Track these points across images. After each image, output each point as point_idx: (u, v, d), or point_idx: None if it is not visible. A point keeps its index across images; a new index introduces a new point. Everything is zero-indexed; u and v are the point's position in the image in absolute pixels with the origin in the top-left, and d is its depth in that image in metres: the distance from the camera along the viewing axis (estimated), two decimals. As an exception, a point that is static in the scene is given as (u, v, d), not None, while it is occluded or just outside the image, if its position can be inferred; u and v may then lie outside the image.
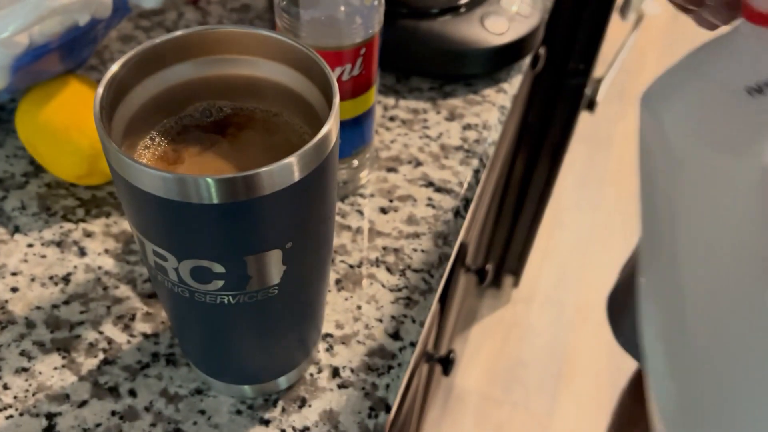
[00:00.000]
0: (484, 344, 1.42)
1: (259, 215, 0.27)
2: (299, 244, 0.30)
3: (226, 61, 0.32)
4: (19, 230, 0.45)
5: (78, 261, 0.43)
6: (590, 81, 1.13)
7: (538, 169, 1.23)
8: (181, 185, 0.25)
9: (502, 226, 1.31)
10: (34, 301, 0.41)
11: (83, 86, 0.46)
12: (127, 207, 0.29)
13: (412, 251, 0.45)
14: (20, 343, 0.40)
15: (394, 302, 0.43)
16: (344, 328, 0.41)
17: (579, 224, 1.66)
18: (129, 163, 0.25)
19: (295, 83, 0.32)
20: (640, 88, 0.36)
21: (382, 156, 0.51)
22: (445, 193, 0.49)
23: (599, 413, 1.32)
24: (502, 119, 0.56)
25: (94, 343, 0.40)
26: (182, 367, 0.39)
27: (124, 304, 0.42)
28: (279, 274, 0.30)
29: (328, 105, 0.30)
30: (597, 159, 1.81)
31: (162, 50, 0.30)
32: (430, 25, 0.56)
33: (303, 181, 0.27)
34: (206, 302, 0.30)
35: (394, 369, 0.40)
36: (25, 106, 0.45)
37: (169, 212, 0.26)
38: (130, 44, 0.58)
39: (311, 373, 0.39)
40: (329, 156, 0.29)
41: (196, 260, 0.28)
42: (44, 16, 0.40)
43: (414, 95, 0.56)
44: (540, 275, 1.54)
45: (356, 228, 0.46)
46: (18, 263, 0.43)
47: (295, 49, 0.31)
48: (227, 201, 0.26)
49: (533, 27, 0.58)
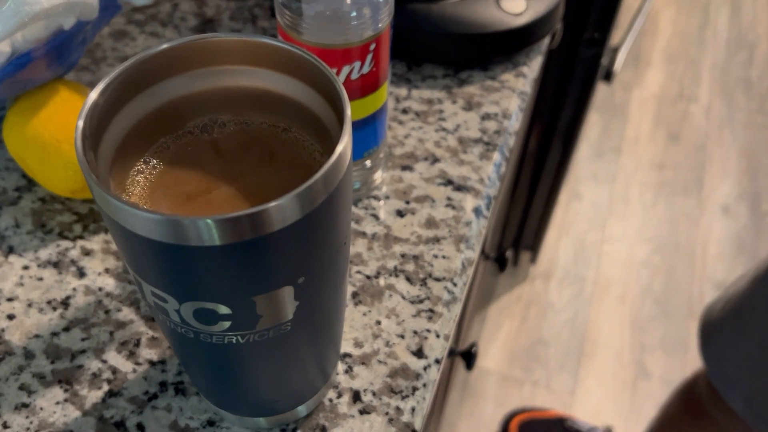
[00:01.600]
0: (502, 323, 1.39)
1: (268, 254, 0.24)
2: (313, 277, 0.27)
3: (226, 72, 0.29)
4: (14, 251, 0.42)
5: (77, 282, 0.41)
6: (606, 50, 1.09)
7: (554, 143, 1.19)
8: (177, 228, 0.22)
9: (518, 202, 1.28)
10: (32, 328, 0.39)
11: (73, 94, 0.42)
12: (118, 245, 0.26)
13: (433, 258, 0.42)
14: (19, 376, 0.37)
15: (415, 315, 0.40)
16: (363, 347, 0.39)
17: (596, 196, 1.62)
18: (117, 205, 0.22)
19: (300, 95, 0.29)
20: (655, 52, 0.32)
21: (395, 153, 0.48)
22: (466, 191, 0.46)
23: (622, 391, 1.30)
24: (523, 106, 0.52)
25: (98, 373, 0.37)
26: (192, 397, 0.37)
27: (127, 328, 0.39)
28: (292, 309, 0.27)
29: (337, 118, 0.27)
30: (612, 127, 1.77)
31: (151, 65, 0.27)
32: (442, 7, 0.52)
33: (316, 212, 0.24)
34: (213, 342, 0.28)
35: (419, 390, 0.37)
36: (13, 118, 0.42)
37: (166, 256, 0.23)
38: (123, 40, 0.54)
39: (330, 398, 0.37)
40: (343, 179, 0.25)
41: (199, 302, 0.25)
42: (26, 22, 0.37)
43: (427, 84, 0.53)
44: (557, 250, 1.51)
45: (372, 234, 0.43)
46: (13, 287, 0.40)
47: (300, 58, 0.27)
48: (230, 242, 0.23)
49: (553, 4, 0.54)
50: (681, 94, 1.85)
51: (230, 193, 0.27)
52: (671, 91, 1.86)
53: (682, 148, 1.73)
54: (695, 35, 1.99)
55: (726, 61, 1.95)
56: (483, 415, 1.26)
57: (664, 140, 1.75)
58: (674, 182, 1.65)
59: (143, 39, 0.55)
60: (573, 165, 1.64)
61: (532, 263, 1.47)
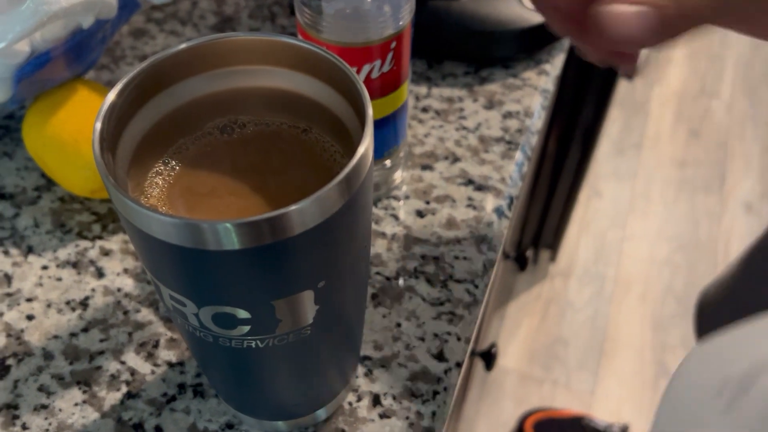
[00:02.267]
0: (521, 322, 1.38)
1: (288, 258, 0.23)
2: (334, 281, 0.26)
3: (246, 72, 0.28)
4: (33, 251, 0.42)
5: (96, 283, 0.41)
6: (628, 47, 1.07)
7: (574, 140, 1.18)
8: (196, 232, 0.22)
9: (538, 200, 1.26)
10: (51, 329, 0.39)
11: (92, 93, 0.42)
12: (136, 249, 0.25)
13: (454, 259, 0.42)
14: (38, 377, 0.37)
15: (436, 318, 0.39)
16: (383, 350, 0.38)
17: (616, 193, 1.60)
18: (134, 208, 0.22)
19: (320, 95, 0.28)
20: (677, 49, 0.32)
21: (415, 152, 0.47)
22: (487, 191, 0.45)
23: (643, 390, 1.28)
24: (545, 104, 0.51)
25: (116, 375, 0.37)
26: (211, 399, 0.36)
27: (146, 329, 0.39)
28: (312, 313, 0.27)
29: (358, 118, 0.27)
30: (633, 124, 1.75)
31: (169, 66, 0.27)
32: (463, 4, 0.51)
33: (336, 215, 0.24)
34: (232, 346, 0.27)
35: (440, 394, 0.37)
36: (31, 119, 0.42)
37: (184, 260, 0.23)
38: (143, 39, 0.54)
39: (350, 402, 0.36)
40: (364, 181, 0.25)
41: (218, 307, 0.25)
42: (45, 21, 0.37)
43: (448, 82, 0.52)
44: (577, 248, 1.50)
45: (391, 235, 0.43)
46: (33, 287, 0.40)
47: (321, 57, 0.27)
48: (250, 246, 0.22)
49: (575, 1, 0.53)
50: (702, 90, 1.83)
51: (250, 195, 0.27)
52: (693, 87, 1.84)
53: (703, 145, 1.70)
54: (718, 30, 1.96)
55: (750, 57, 1.92)
56: (502, 413, 1.25)
57: (685, 137, 1.72)
58: (695, 179, 1.63)
59: (162, 37, 0.55)
60: (593, 162, 1.62)
61: (552, 261, 1.46)
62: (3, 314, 0.39)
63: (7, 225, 0.43)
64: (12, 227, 0.43)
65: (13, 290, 0.40)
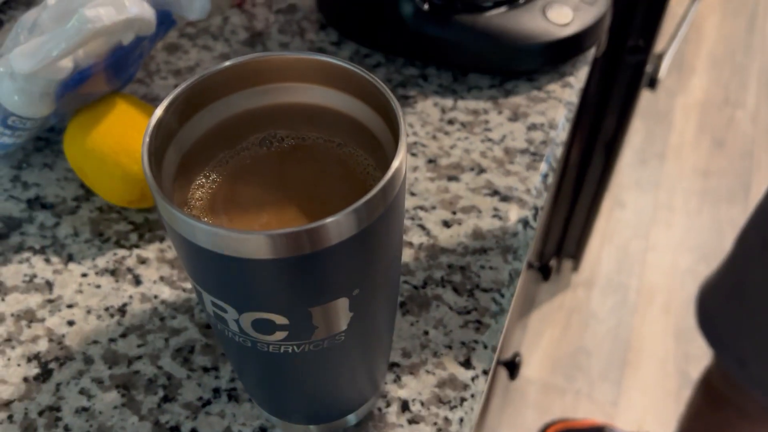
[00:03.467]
0: (544, 331, 1.38)
1: (325, 267, 0.25)
2: (367, 289, 0.27)
3: (284, 89, 0.30)
4: (73, 259, 0.43)
5: (133, 290, 0.42)
6: (651, 57, 1.08)
7: (596, 150, 1.18)
8: (237, 241, 0.23)
9: (560, 210, 1.27)
10: (91, 334, 0.40)
11: (130, 107, 0.44)
12: (181, 257, 0.27)
13: (480, 269, 0.43)
14: (79, 381, 0.38)
15: (463, 326, 0.40)
16: (411, 357, 0.39)
17: (639, 203, 1.60)
18: (180, 218, 0.23)
19: (354, 110, 0.29)
20: (700, 58, 0.32)
21: (441, 164, 0.48)
22: (512, 202, 0.46)
23: (666, 401, 1.28)
24: (570, 116, 0.52)
25: (153, 379, 0.38)
26: (245, 404, 0.37)
27: (182, 335, 0.40)
28: (346, 321, 0.28)
29: (391, 134, 0.28)
30: (656, 134, 1.74)
31: (211, 83, 0.28)
32: (487, 19, 0.52)
33: (372, 226, 0.25)
34: (269, 351, 0.28)
35: (467, 401, 0.37)
36: (72, 131, 0.43)
37: (226, 267, 0.24)
38: (176, 54, 0.56)
39: (379, 407, 0.37)
40: (398, 194, 0.26)
41: (258, 312, 0.26)
42: (88, 38, 0.38)
43: (473, 94, 0.53)
44: (600, 258, 1.49)
45: (418, 245, 0.44)
46: (73, 294, 0.42)
47: (356, 75, 0.28)
48: (289, 255, 0.23)
49: (600, 14, 0.54)
50: (726, 100, 1.82)
51: (288, 206, 0.28)
52: (716, 97, 1.83)
53: (727, 155, 1.70)
54: (742, 40, 1.95)
55: (774, 66, 1.91)
56: (524, 423, 1.25)
57: (708, 147, 1.72)
58: (719, 189, 1.62)
59: (195, 52, 0.56)
60: (616, 172, 1.62)
61: (575, 271, 1.46)
62: (45, 320, 0.41)
63: (48, 234, 0.45)
64: (53, 236, 0.45)
65: (55, 297, 0.42)
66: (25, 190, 0.47)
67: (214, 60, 0.56)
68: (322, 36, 0.58)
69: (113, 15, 0.38)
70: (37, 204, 0.46)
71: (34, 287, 0.42)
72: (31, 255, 0.44)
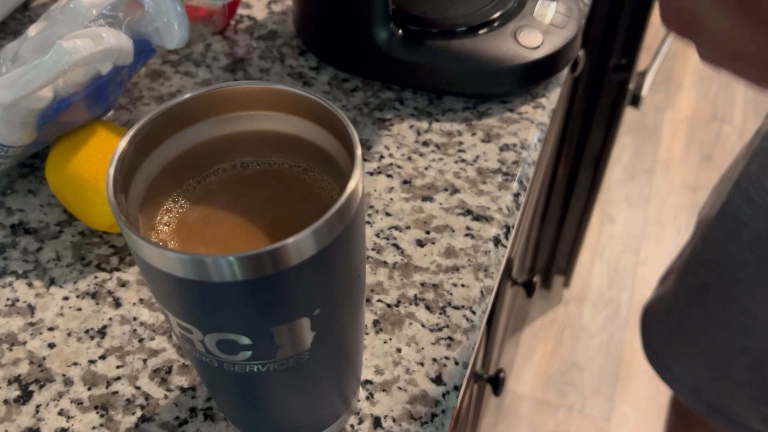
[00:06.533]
0: (536, 347, 1.39)
1: (285, 287, 0.26)
2: (329, 309, 0.28)
3: (248, 117, 0.31)
4: (55, 282, 0.44)
5: (113, 313, 0.43)
6: (633, 75, 1.10)
7: (583, 168, 1.20)
8: (201, 266, 0.24)
9: (549, 226, 1.28)
10: (71, 356, 0.41)
11: (110, 133, 0.45)
12: (146, 281, 0.28)
13: (452, 286, 0.44)
14: (58, 402, 0.39)
15: (435, 343, 0.41)
16: (384, 374, 0.40)
17: (629, 218, 1.61)
18: (143, 244, 0.24)
19: (316, 137, 0.31)
20: (687, 74, 0.33)
21: (416, 184, 0.49)
22: (484, 221, 0.47)
23: (659, 416, 1.28)
24: (542, 137, 0.54)
25: (132, 399, 0.39)
26: (220, 422, 0.38)
27: (160, 356, 0.41)
28: (309, 339, 0.29)
29: (350, 158, 0.29)
30: (645, 150, 1.76)
31: (176, 113, 0.29)
32: (461, 43, 0.54)
33: (330, 246, 0.26)
34: (235, 371, 0.29)
35: (438, 417, 0.38)
36: (53, 158, 0.44)
37: (190, 291, 0.25)
38: (159, 80, 0.57)
39: (352, 425, 0.38)
40: (355, 214, 0.27)
41: (222, 333, 0.27)
42: (66, 69, 0.40)
43: (448, 116, 0.54)
44: (591, 274, 1.50)
45: (393, 264, 0.45)
46: (54, 317, 0.43)
47: (315, 103, 0.29)
48: (251, 277, 0.25)
49: (569, 37, 0.55)
50: (714, 115, 1.84)
51: (253, 230, 0.29)
52: (704, 113, 1.85)
53: (715, 169, 1.71)
54: (728, 55, 1.97)
55: (761, 81, 1.93)
56: (517, 440, 1.26)
57: (697, 161, 1.73)
58: (709, 204, 1.63)
59: (178, 78, 0.58)
60: (605, 188, 1.64)
61: (566, 287, 1.47)
62: (26, 343, 0.42)
63: (31, 258, 0.46)
64: (36, 260, 0.46)
65: (36, 320, 0.43)
66: (9, 216, 0.48)
67: (196, 86, 0.57)
68: (301, 61, 0.59)
69: (90, 46, 0.40)
70: (20, 229, 0.47)
71: (16, 311, 0.43)
72: (14, 279, 0.45)
